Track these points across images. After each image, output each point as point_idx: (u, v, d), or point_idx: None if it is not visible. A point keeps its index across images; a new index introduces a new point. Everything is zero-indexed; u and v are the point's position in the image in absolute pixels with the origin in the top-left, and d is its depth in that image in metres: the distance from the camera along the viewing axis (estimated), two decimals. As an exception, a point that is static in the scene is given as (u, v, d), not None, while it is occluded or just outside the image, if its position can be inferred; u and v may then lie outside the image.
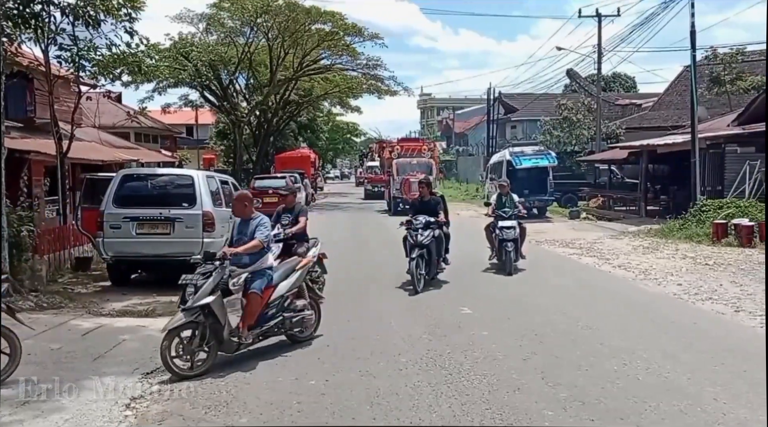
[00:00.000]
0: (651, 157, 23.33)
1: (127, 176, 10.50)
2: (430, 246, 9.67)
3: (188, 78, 31.36)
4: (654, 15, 27.43)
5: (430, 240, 9.66)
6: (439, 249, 10.03)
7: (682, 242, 14.24)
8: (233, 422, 4.77)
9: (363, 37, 32.92)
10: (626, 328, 7.27)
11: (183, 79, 31.72)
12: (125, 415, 4.91)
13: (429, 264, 9.65)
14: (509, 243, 10.87)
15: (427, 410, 4.88)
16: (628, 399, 4.98)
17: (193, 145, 49.98)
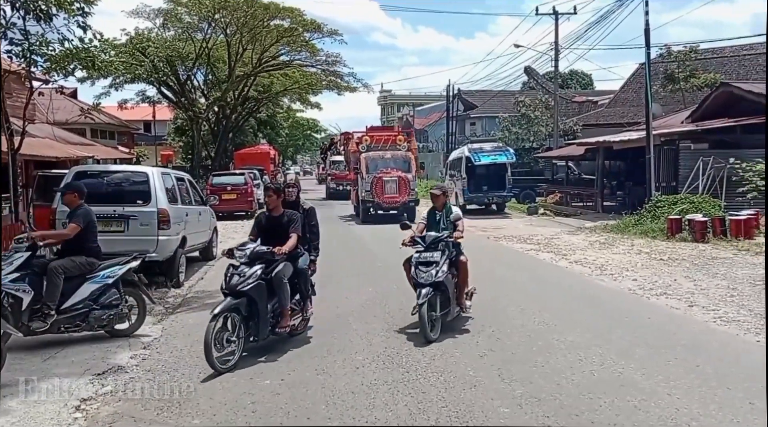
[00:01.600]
0: (607, 154, 23.78)
1: (80, 173, 10.20)
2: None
3: (145, 74, 30.66)
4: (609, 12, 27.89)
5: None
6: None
7: (637, 238, 14.51)
8: (185, 423, 4.65)
9: (322, 33, 32.73)
10: (582, 323, 7.35)
11: (139, 75, 31.01)
12: (74, 417, 4.77)
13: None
14: (428, 290, 6.59)
15: (383, 408, 4.85)
16: (583, 395, 5.01)
17: (151, 142, 49.12)
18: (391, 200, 19.74)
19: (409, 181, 19.99)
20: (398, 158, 21.28)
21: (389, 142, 21.98)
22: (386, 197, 19.67)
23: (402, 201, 19.71)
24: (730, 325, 7.15)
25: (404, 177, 20.00)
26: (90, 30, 11.70)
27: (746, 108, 18.91)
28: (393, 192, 19.76)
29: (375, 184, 19.79)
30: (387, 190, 19.74)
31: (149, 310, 8.30)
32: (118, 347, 6.59)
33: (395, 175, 19.97)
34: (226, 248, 7.01)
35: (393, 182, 19.85)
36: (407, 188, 19.89)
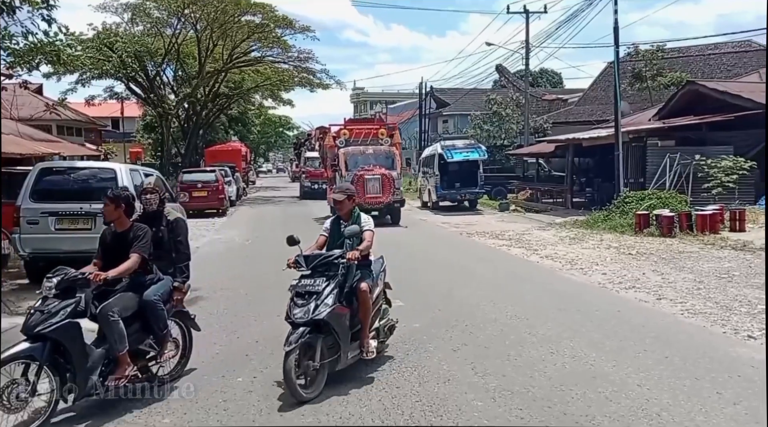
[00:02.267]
0: (576, 151, 24.07)
1: (45, 169, 10.00)
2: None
3: (113, 69, 30.17)
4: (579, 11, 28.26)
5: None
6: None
7: (606, 233, 14.72)
8: (155, 422, 4.57)
9: (294, 29, 32.55)
10: (553, 317, 7.41)
11: (107, 71, 30.49)
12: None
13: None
14: (301, 331, 4.99)
15: (357, 404, 4.83)
16: (555, 387, 5.05)
17: (119, 139, 48.40)
18: (374, 200, 17.78)
19: (393, 180, 18.18)
20: (381, 154, 19.19)
21: (370, 136, 19.76)
22: (368, 197, 17.57)
23: (386, 201, 18.11)
24: (697, 317, 7.29)
25: (388, 175, 18.17)
26: (55, 23, 11.49)
27: (711, 106, 19.34)
28: (376, 191, 17.98)
29: (356, 183, 17.32)
30: (369, 189, 17.85)
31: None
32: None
33: (378, 172, 18.09)
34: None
35: (376, 181, 18.03)
36: (391, 187, 18.10)
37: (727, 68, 34.03)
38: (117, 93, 36.99)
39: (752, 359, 5.63)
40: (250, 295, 8.99)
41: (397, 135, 20.37)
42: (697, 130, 19.02)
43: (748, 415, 4.44)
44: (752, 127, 18.28)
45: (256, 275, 10.62)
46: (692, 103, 20.63)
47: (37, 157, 19.24)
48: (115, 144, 47.39)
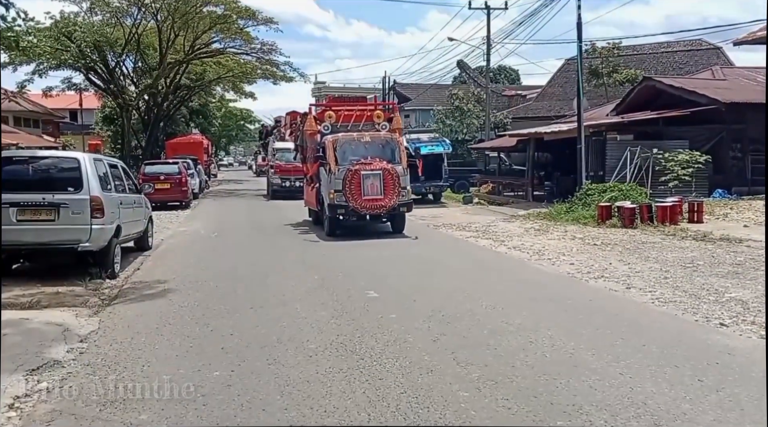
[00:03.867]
0: (537, 145, 24.37)
1: (5, 159, 9.56)
2: None
3: (71, 59, 29.23)
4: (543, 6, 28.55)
5: None
6: None
7: (569, 224, 14.94)
8: (132, 419, 4.40)
9: (257, 21, 32.04)
10: (527, 306, 7.45)
11: (65, 61, 29.51)
12: (8, 416, 4.42)
13: None
14: None
15: (341, 396, 4.73)
16: (539, 377, 5.06)
17: (78, 131, 47.10)
18: (374, 204, 13.60)
19: (398, 177, 13.78)
20: (380, 143, 14.57)
21: (363, 121, 15.30)
22: (366, 200, 13.52)
23: (389, 205, 13.67)
24: (668, 305, 7.43)
25: (391, 170, 13.75)
26: (13, 8, 11.04)
27: (667, 101, 19.88)
28: (376, 192, 13.62)
29: (349, 181, 13.48)
30: (367, 189, 13.55)
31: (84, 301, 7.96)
32: (52, 341, 6.20)
33: (378, 167, 13.74)
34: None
35: (375, 178, 13.67)
36: (396, 186, 13.69)
37: (679, 66, 35.01)
38: (75, 84, 35.92)
39: (727, 347, 5.74)
40: (221, 287, 8.79)
41: (398, 118, 15.90)
42: (654, 124, 19.50)
43: (732, 402, 4.51)
44: (706, 122, 18.87)
45: (225, 268, 10.43)
46: (649, 98, 21.15)
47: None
48: (73, 136, 46.06)
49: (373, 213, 13.70)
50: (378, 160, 13.97)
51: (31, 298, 8.03)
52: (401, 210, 14.10)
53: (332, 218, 13.96)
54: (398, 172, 13.84)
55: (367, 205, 13.57)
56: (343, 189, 13.45)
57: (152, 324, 6.88)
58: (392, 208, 13.77)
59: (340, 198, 13.53)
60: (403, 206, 14.05)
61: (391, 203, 13.66)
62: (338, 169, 13.85)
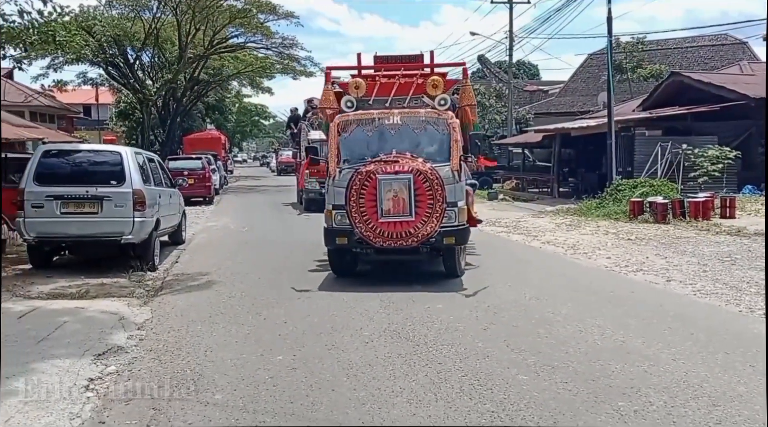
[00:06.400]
0: (562, 141, 24.35)
1: (49, 152, 9.77)
2: None
3: (91, 54, 29.53)
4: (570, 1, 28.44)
5: None
6: None
7: (601, 220, 14.96)
8: (207, 398, 4.57)
9: (277, 15, 32.19)
10: (570, 298, 7.54)
11: (85, 55, 29.83)
12: (87, 396, 4.59)
13: None
14: None
15: (404, 378, 4.87)
16: (594, 362, 5.16)
17: (91, 126, 47.47)
18: (397, 230, 8.16)
19: (441, 185, 8.15)
20: (416, 126, 8.80)
21: (410, 92, 9.14)
22: (384, 223, 8.15)
23: (423, 232, 8.15)
24: (710, 297, 7.49)
25: (429, 173, 8.18)
26: (50, 2, 11.21)
27: (695, 96, 19.76)
28: (402, 210, 8.17)
29: (356, 191, 8.19)
30: (386, 204, 8.15)
31: (130, 292, 8.15)
32: (111, 328, 6.38)
33: (406, 168, 8.20)
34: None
35: (401, 186, 8.17)
36: (437, 200, 8.13)
37: (704, 61, 34.73)
38: (91, 79, 36.28)
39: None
40: (264, 279, 8.95)
41: (468, 91, 9.71)
42: (683, 120, 19.42)
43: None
44: (735, 118, 18.77)
45: (263, 260, 10.59)
46: (676, 93, 21.05)
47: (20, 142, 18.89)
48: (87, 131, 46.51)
49: (397, 245, 8.20)
50: (408, 156, 8.37)
51: (79, 289, 8.22)
52: (446, 242, 8.29)
53: (336, 253, 8.83)
54: (442, 178, 8.10)
55: (385, 233, 8.12)
56: (347, 204, 8.17)
57: (205, 313, 7.04)
58: (429, 237, 8.14)
59: (342, 219, 8.27)
60: (449, 235, 8.22)
61: (427, 229, 8.08)
62: (342, 170, 8.44)
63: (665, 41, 36.96)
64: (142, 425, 4.15)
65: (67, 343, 5.79)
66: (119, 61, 31.62)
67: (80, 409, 4.36)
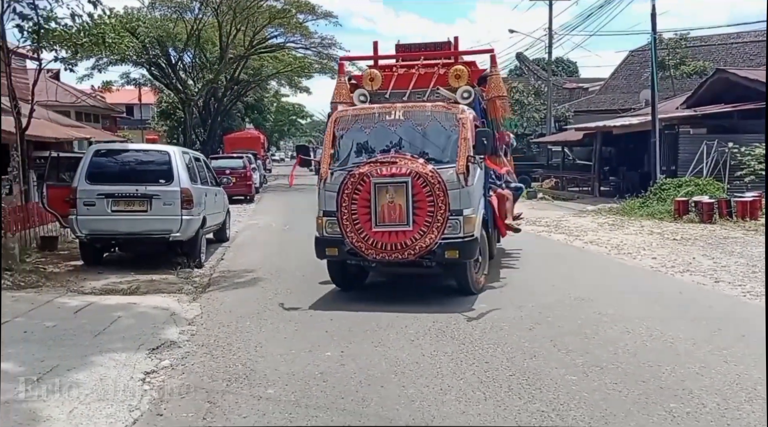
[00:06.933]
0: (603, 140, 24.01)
1: (100, 151, 10.08)
2: None
3: (134, 55, 30.26)
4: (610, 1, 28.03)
5: None
6: None
7: (644, 219, 14.75)
8: (260, 393, 4.68)
9: (316, 15, 32.47)
10: (616, 298, 7.48)
11: (128, 56, 30.56)
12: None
13: None
14: None
15: (452, 376, 4.91)
16: (643, 363, 5.12)
17: (133, 126, 48.56)
18: (392, 241, 7.18)
19: (444, 190, 7.07)
20: (420, 122, 7.59)
21: (430, 84, 8.57)
22: (379, 233, 7.21)
23: (421, 244, 7.11)
24: (761, 299, 7.32)
25: (430, 176, 7.09)
26: (100, 5, 11.54)
27: (741, 94, 19.23)
28: (398, 218, 7.19)
29: (348, 196, 7.30)
30: (381, 211, 7.21)
31: (179, 288, 8.35)
32: (163, 323, 6.58)
33: (404, 169, 7.14)
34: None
35: (397, 191, 7.18)
36: (439, 207, 7.08)
37: (750, 58, 33.75)
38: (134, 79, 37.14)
39: (833, 339, 5.68)
40: (307, 276, 9.06)
41: (497, 81, 8.96)
42: (728, 118, 18.95)
43: None
44: (783, 115, 18.21)
45: (306, 258, 10.62)
46: (721, 91, 20.52)
47: (68, 141, 19.43)
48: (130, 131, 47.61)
49: (392, 258, 7.22)
50: (408, 157, 7.29)
51: (130, 285, 8.48)
52: (448, 256, 7.14)
53: (333, 264, 8.00)
54: (445, 182, 7.05)
55: (379, 244, 7.17)
56: (338, 210, 7.32)
57: (252, 309, 7.20)
58: (428, 250, 7.09)
59: (333, 228, 7.44)
60: (452, 248, 7.09)
61: (426, 241, 7.06)
62: (334, 172, 7.52)
63: (709, 37, 36.07)
64: (198, 418, 4.28)
65: (122, 337, 5.99)
66: (162, 61, 32.30)
67: (138, 401, 4.51)
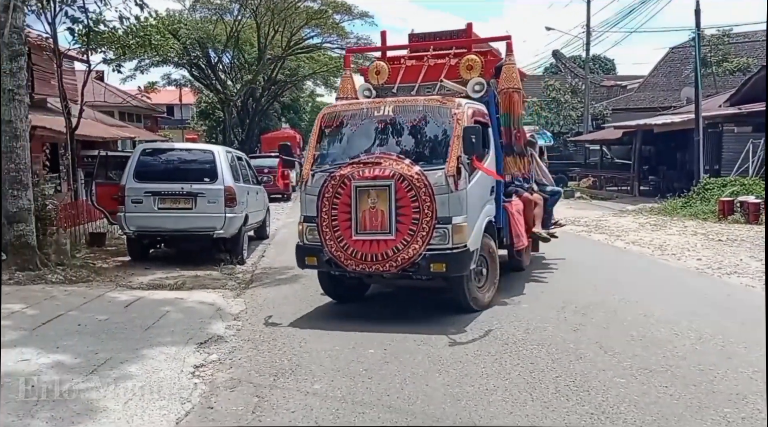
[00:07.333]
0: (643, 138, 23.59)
1: (146, 151, 10.34)
2: None
3: (176, 56, 30.82)
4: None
5: None
6: None
7: (687, 220, 14.46)
8: (307, 388, 4.74)
9: (352, 15, 32.61)
10: (662, 300, 7.35)
11: (170, 58, 31.15)
12: (194, 382, 4.84)
13: None
14: None
15: (497, 376, 4.89)
16: (693, 367, 5.03)
17: (174, 126, 49.47)
18: (373, 251, 6.39)
19: (429, 193, 6.24)
20: (414, 119, 6.79)
21: (440, 76, 7.69)
22: (359, 241, 6.43)
23: (403, 255, 6.29)
24: (813, 302, 7.13)
25: (415, 178, 6.28)
26: (146, 8, 11.80)
27: (788, 91, 18.68)
28: (379, 225, 6.38)
29: (328, 201, 6.56)
30: (362, 217, 6.43)
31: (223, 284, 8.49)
32: (210, 318, 6.71)
33: (387, 172, 6.37)
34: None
35: (379, 195, 6.40)
36: (425, 214, 6.25)
37: (798, 53, 32.78)
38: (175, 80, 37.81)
39: None
40: (348, 274, 9.12)
41: (511, 71, 7.73)
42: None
43: None
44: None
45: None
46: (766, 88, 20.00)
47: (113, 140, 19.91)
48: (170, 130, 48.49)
49: (372, 270, 6.48)
50: (394, 157, 6.53)
51: (175, 280, 8.68)
52: (434, 269, 6.33)
53: (323, 274, 7.18)
54: (431, 186, 6.28)
55: (358, 253, 6.44)
56: (318, 216, 6.62)
57: (295, 305, 7.32)
58: (411, 262, 6.29)
59: (314, 234, 6.70)
60: (439, 260, 6.28)
61: (409, 252, 6.26)
62: (312, 174, 6.81)
63: (753, 33, 35.13)
64: (247, 411, 4.35)
65: (171, 331, 6.13)
66: (202, 62, 32.83)
67: (189, 394, 4.61)
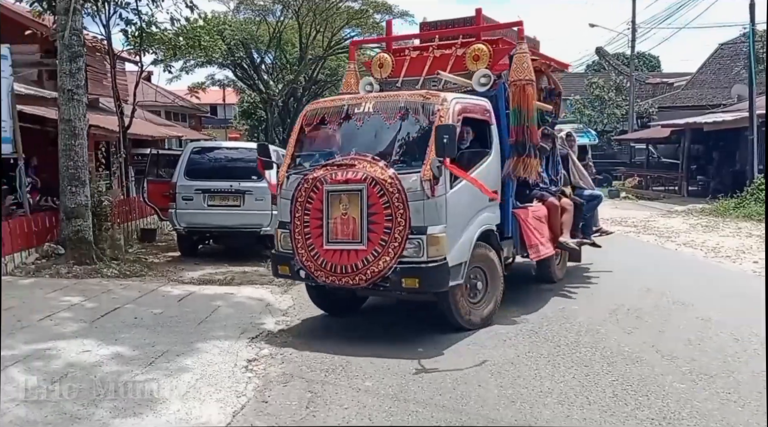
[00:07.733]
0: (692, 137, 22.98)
1: (197, 149, 10.55)
2: None
3: (221, 57, 31.28)
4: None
5: None
6: None
7: (741, 221, 14.00)
8: (359, 385, 4.74)
9: (393, 14, 32.56)
10: (719, 303, 7.13)
11: (215, 58, 31.61)
12: (248, 376, 4.90)
13: None
14: None
15: (551, 379, 4.82)
16: (757, 373, 4.85)
17: (217, 125, 50.28)
18: (342, 262, 5.73)
19: (402, 200, 5.54)
20: (395, 116, 6.07)
21: (447, 68, 7.01)
22: (329, 251, 5.78)
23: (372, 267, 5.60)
24: None
25: (388, 183, 5.59)
26: (197, 9, 12.00)
27: None
28: (350, 234, 5.74)
29: (301, 205, 5.96)
30: (333, 225, 5.78)
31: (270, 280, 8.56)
32: (260, 314, 6.80)
33: (359, 175, 5.71)
34: None
35: (351, 200, 5.75)
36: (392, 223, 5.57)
37: None
38: (219, 80, 38.35)
39: None
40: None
41: (523, 60, 6.67)
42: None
43: None
44: None
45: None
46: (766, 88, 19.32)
47: (160, 139, 20.32)
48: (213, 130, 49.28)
49: (342, 283, 5.84)
50: (368, 158, 5.88)
51: (225, 275, 8.82)
52: (406, 285, 5.64)
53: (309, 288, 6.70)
54: (405, 191, 5.58)
55: (328, 264, 5.82)
56: (291, 222, 6.06)
57: (342, 303, 7.30)
58: (381, 275, 5.60)
59: (287, 241, 6.15)
60: (411, 275, 5.59)
61: (380, 264, 5.58)
62: (287, 177, 6.31)
63: (810, 28, 33.90)
64: (301, 406, 4.38)
65: (223, 325, 6.22)
66: (245, 63, 33.24)
67: (244, 388, 4.67)
